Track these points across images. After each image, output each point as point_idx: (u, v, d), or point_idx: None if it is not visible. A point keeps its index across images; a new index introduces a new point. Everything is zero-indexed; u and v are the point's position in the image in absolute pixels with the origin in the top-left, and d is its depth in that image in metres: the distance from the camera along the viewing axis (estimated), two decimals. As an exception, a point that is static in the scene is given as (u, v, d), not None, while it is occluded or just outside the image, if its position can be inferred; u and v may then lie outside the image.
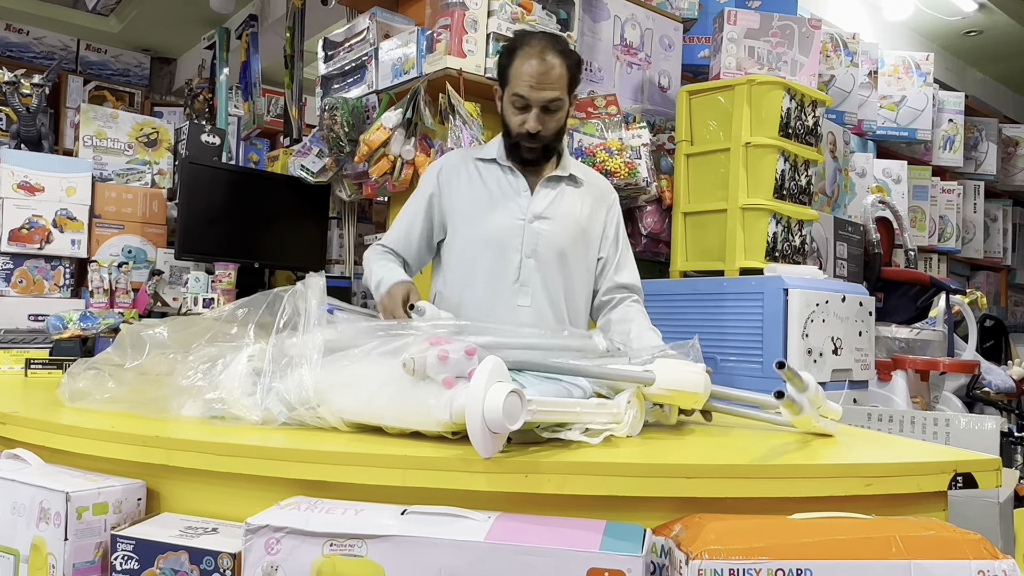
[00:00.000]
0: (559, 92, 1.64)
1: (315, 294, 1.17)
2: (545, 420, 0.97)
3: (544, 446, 0.98)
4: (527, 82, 1.62)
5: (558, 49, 1.66)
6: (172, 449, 1.01)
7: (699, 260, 2.30)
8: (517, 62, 1.65)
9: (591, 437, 1.00)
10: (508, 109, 1.68)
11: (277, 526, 0.83)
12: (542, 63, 1.62)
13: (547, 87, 1.62)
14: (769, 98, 2.19)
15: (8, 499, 1.01)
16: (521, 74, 1.63)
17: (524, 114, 1.65)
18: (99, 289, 2.28)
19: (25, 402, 1.42)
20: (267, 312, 1.21)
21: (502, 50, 1.73)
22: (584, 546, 0.78)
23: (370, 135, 2.20)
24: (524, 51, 1.65)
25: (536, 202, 1.73)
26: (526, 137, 1.66)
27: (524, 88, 1.63)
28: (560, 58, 1.65)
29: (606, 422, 1.04)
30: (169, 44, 5.41)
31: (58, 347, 1.96)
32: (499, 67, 1.72)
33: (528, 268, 1.70)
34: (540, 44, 1.66)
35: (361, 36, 2.45)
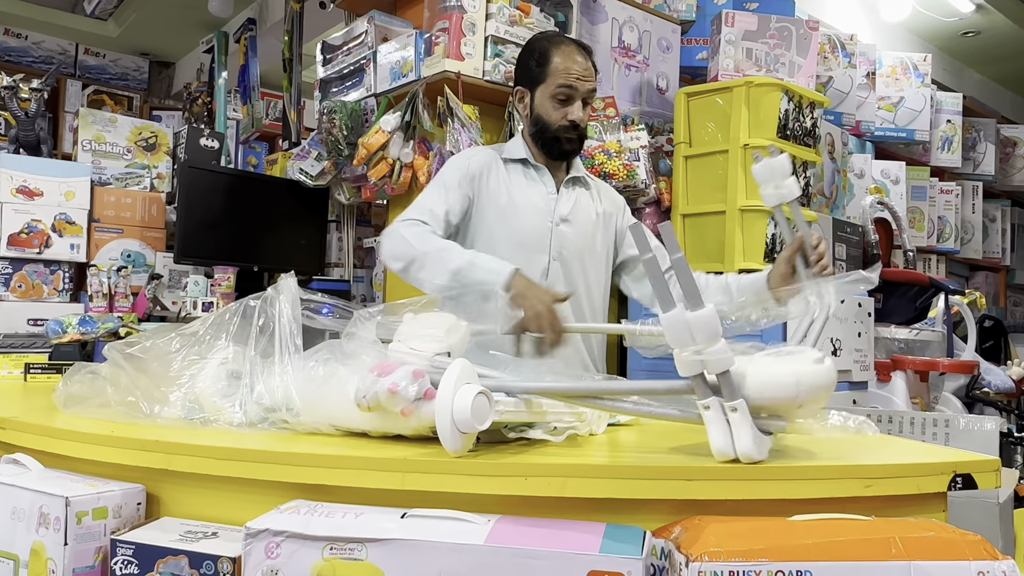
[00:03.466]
0: (595, 85, 1.74)
1: (287, 298, 1.16)
2: (512, 420, 0.98)
3: (545, 448, 0.98)
4: (575, 74, 1.70)
5: (586, 49, 1.78)
6: (172, 453, 1.01)
7: (698, 262, 2.30)
8: (558, 58, 1.71)
9: (555, 436, 1.02)
10: (548, 104, 1.71)
11: (277, 530, 0.83)
12: (585, 58, 1.73)
13: (590, 79, 1.72)
14: (767, 100, 2.19)
15: (8, 504, 1.01)
16: (568, 68, 1.70)
17: (567, 106, 1.70)
18: (98, 293, 2.28)
19: (24, 407, 1.42)
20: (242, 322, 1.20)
21: (530, 51, 1.78)
22: (584, 549, 0.78)
23: (369, 138, 2.20)
24: (562, 48, 1.73)
25: (561, 204, 1.77)
26: (569, 129, 1.71)
27: (572, 79, 1.70)
28: (590, 59, 1.77)
29: (570, 421, 1.05)
30: (168, 48, 5.42)
31: (57, 352, 1.95)
32: (530, 67, 1.75)
33: (554, 270, 1.74)
34: (573, 42, 1.78)
35: (359, 40, 2.45)
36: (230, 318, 1.22)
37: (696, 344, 0.89)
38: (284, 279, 1.20)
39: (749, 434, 0.88)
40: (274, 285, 1.20)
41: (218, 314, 1.24)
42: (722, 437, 0.90)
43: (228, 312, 1.23)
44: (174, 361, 1.21)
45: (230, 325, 1.21)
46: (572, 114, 1.70)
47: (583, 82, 1.70)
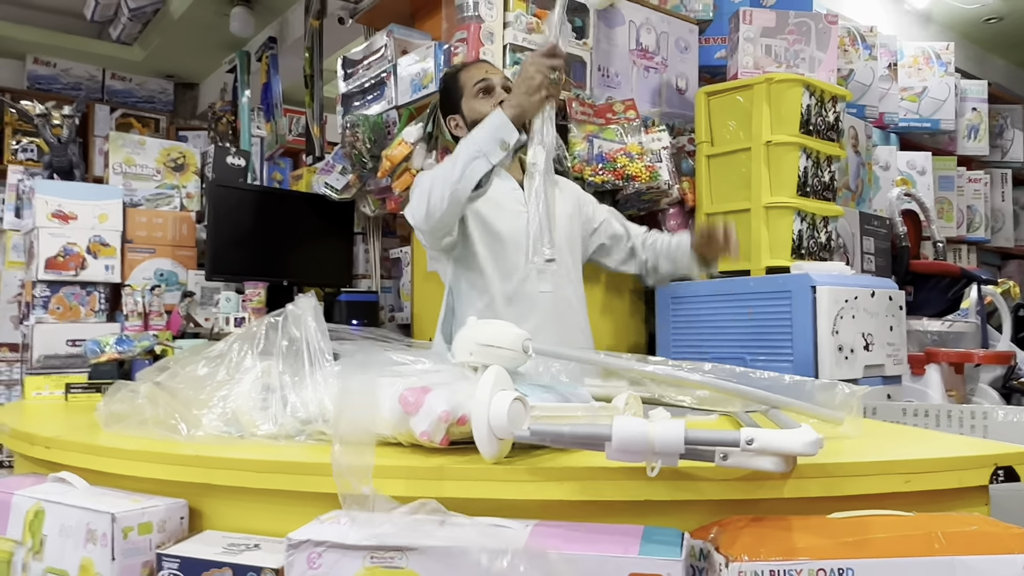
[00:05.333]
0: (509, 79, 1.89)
1: (311, 315, 1.19)
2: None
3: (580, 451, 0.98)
4: (483, 69, 1.89)
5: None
6: (212, 468, 1.03)
7: (724, 261, 2.29)
8: (462, 71, 1.92)
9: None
10: (476, 104, 1.86)
11: (318, 540, 0.84)
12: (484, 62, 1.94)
13: (498, 72, 1.90)
14: (788, 96, 2.18)
15: (56, 521, 1.04)
16: (473, 70, 1.90)
17: (492, 95, 1.84)
18: (133, 313, 2.32)
19: (68, 426, 1.45)
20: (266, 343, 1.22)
21: (442, 85, 1.98)
22: (623, 551, 0.78)
23: (392, 150, 2.22)
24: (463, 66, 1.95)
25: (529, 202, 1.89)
26: None
27: (483, 74, 1.87)
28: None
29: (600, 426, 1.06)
30: (192, 69, 5.51)
31: (96, 371, 2.00)
32: (448, 93, 1.93)
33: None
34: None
35: (379, 53, 2.48)
36: (254, 337, 1.24)
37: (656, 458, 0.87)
38: (301, 298, 1.22)
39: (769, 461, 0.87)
40: (293, 303, 1.22)
41: (241, 333, 1.27)
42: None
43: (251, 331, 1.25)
44: (205, 384, 1.23)
45: (255, 343, 1.24)
46: (496, 96, 1.82)
47: (493, 75, 1.87)
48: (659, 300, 2.32)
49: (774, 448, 0.83)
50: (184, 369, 1.25)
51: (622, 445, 0.84)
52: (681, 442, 0.84)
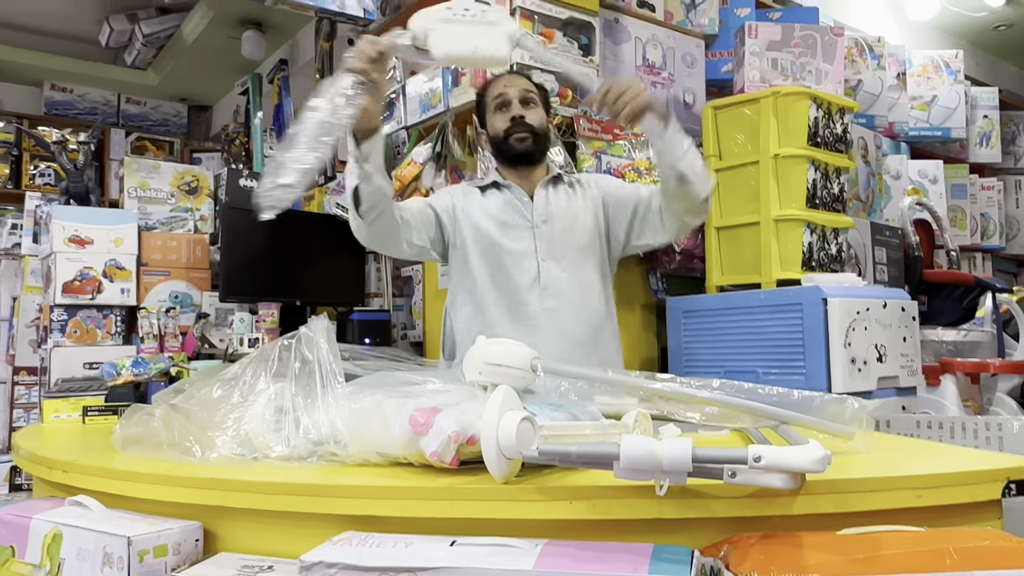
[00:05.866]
0: (531, 88, 1.88)
1: (323, 337, 1.20)
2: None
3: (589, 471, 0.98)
4: (502, 83, 1.88)
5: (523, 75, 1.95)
6: (226, 490, 1.04)
7: (735, 274, 2.29)
8: (488, 89, 1.92)
9: None
10: (493, 118, 1.87)
11: (330, 562, 0.85)
12: (508, 75, 1.93)
13: (518, 83, 1.88)
14: (795, 108, 2.18)
15: (73, 545, 1.05)
16: (495, 84, 1.90)
17: (506, 110, 1.84)
18: (149, 335, 2.35)
19: (84, 449, 1.47)
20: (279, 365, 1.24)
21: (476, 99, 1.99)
22: (633, 570, 0.78)
23: (402, 170, 2.25)
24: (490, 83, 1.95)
25: (537, 207, 1.86)
26: (515, 125, 1.83)
27: (500, 87, 1.87)
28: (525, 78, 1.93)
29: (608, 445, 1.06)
30: (205, 92, 5.59)
31: (113, 393, 2.02)
32: (478, 108, 1.97)
33: (547, 270, 1.82)
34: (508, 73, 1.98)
35: (388, 75, 2.51)
36: (268, 359, 1.26)
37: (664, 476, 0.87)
38: (315, 320, 1.24)
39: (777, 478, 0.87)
40: (306, 325, 1.23)
41: (255, 356, 1.28)
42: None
43: (264, 353, 1.27)
44: (219, 406, 1.24)
45: (269, 365, 1.25)
46: (512, 109, 1.83)
47: (510, 86, 1.86)
48: (670, 314, 2.32)
49: (782, 465, 0.83)
50: (199, 391, 1.26)
51: (630, 464, 0.85)
52: (689, 460, 0.84)
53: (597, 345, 1.87)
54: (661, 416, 1.21)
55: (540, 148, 1.88)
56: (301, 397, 1.17)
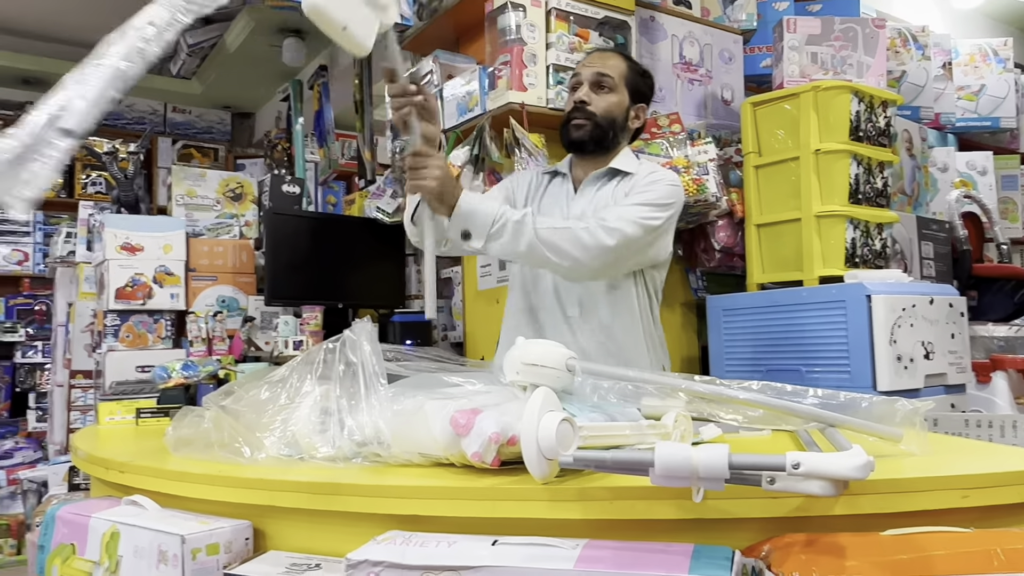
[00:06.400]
0: (609, 71, 1.75)
1: (366, 339, 1.22)
2: (597, 445, 0.99)
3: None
4: (587, 60, 1.80)
5: (622, 53, 1.84)
6: (275, 490, 1.07)
7: (776, 271, 2.27)
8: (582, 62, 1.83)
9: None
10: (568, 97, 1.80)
11: (376, 560, 0.87)
12: (600, 53, 1.83)
13: (596, 64, 1.76)
14: (836, 103, 2.15)
15: (130, 543, 1.09)
16: (583, 60, 1.82)
17: (577, 92, 1.76)
18: (198, 339, 2.41)
19: (139, 450, 1.52)
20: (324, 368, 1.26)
21: None
22: (673, 570, 0.79)
23: (440, 174, 2.27)
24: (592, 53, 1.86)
25: (576, 204, 1.78)
26: (574, 110, 1.75)
27: (581, 65, 1.79)
28: (619, 57, 1.81)
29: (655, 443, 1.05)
30: (247, 100, 5.70)
31: (164, 396, 2.08)
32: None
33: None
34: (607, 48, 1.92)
35: (425, 79, 2.54)
36: (313, 361, 1.28)
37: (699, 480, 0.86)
38: (358, 324, 1.26)
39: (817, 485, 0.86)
40: (350, 328, 1.26)
41: (301, 358, 1.31)
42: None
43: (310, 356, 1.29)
44: (266, 408, 1.27)
45: (314, 368, 1.28)
46: (577, 94, 1.75)
47: (586, 66, 1.77)
48: (710, 312, 2.30)
49: (821, 472, 0.82)
50: (247, 394, 1.29)
51: (665, 471, 0.85)
52: (725, 467, 0.83)
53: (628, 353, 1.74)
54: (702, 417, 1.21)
55: (598, 138, 1.75)
56: (345, 399, 1.20)
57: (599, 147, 1.77)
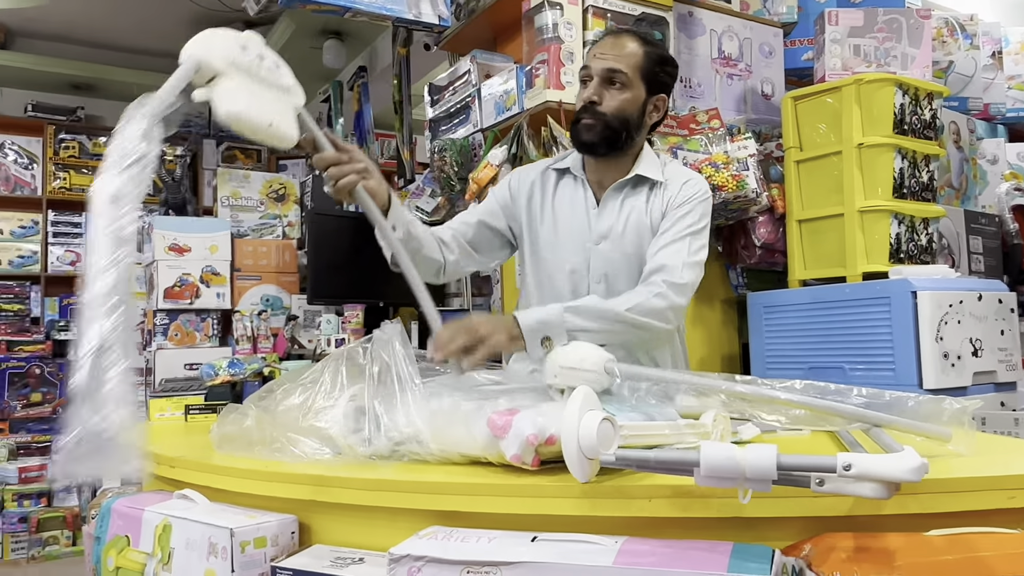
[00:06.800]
0: (623, 66, 1.54)
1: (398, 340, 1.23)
2: (637, 444, 1.00)
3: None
4: (597, 50, 1.59)
5: (639, 37, 1.59)
6: (319, 486, 1.10)
7: (818, 268, 2.24)
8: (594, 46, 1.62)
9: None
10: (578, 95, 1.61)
11: (417, 555, 0.88)
12: (613, 38, 1.59)
13: (609, 57, 1.55)
14: (880, 96, 2.12)
15: (182, 535, 1.13)
16: (592, 50, 1.61)
17: (586, 87, 1.58)
18: (243, 337, 2.47)
19: (188, 445, 1.56)
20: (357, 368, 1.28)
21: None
22: (712, 568, 0.79)
23: (478, 173, 2.28)
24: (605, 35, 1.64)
25: (602, 220, 1.61)
26: (583, 110, 1.56)
27: (591, 56, 1.59)
28: (635, 41, 1.58)
29: (693, 443, 1.05)
30: (288, 101, 5.79)
31: (212, 393, 2.13)
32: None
33: (599, 293, 1.57)
34: (622, 30, 1.64)
35: (463, 78, 2.55)
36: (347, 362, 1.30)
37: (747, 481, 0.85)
38: (388, 324, 1.27)
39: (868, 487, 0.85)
40: (380, 328, 1.27)
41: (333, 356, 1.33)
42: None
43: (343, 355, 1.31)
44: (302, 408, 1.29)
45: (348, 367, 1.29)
46: (586, 92, 1.56)
47: (597, 60, 1.56)
48: (751, 309, 2.28)
49: (874, 474, 0.80)
50: (284, 393, 1.32)
51: (711, 472, 0.83)
52: (773, 468, 0.82)
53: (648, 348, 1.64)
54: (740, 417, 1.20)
55: (609, 140, 1.57)
56: (380, 399, 1.22)
57: (612, 148, 1.59)
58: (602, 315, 1.39)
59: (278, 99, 1.14)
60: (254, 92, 1.10)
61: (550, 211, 1.66)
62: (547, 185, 1.69)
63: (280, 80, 1.14)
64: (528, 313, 1.38)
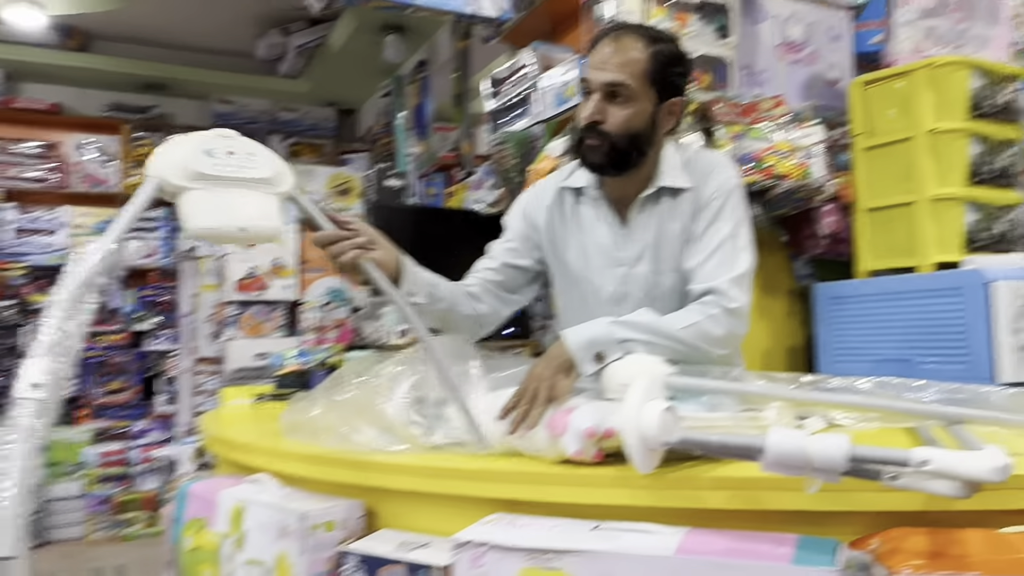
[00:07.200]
0: (624, 77, 1.36)
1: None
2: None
3: (730, 462, 0.99)
4: (596, 58, 1.40)
5: (642, 34, 1.40)
6: (385, 472, 1.13)
7: (887, 258, 2.17)
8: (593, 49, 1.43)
9: None
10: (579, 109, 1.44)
11: (481, 541, 0.91)
12: (613, 43, 1.39)
13: (609, 68, 1.37)
14: (954, 79, 2.04)
15: (255, 518, 1.18)
16: (591, 56, 1.42)
17: (585, 103, 1.41)
18: (310, 327, 2.54)
19: (260, 432, 1.62)
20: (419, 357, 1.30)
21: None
22: (776, 560, 0.79)
23: (538, 164, 2.29)
24: (604, 37, 1.42)
25: (632, 240, 1.48)
26: (584, 129, 1.40)
27: (589, 66, 1.41)
28: (639, 43, 1.38)
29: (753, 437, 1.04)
30: (351, 96, 5.90)
31: (281, 382, 2.20)
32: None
33: None
34: (623, 29, 1.44)
35: (523, 71, 2.56)
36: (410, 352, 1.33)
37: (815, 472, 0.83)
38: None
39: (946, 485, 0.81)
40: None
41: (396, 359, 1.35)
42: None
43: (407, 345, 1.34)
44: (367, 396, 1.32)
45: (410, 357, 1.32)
46: (587, 110, 1.39)
47: (597, 71, 1.38)
48: (817, 301, 2.23)
49: (953, 472, 0.77)
50: (350, 382, 1.36)
51: (778, 459, 0.82)
52: (844, 459, 0.80)
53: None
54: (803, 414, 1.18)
55: (617, 161, 1.41)
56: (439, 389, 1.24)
57: (623, 168, 1.43)
58: (656, 331, 1.27)
59: (252, 195, 1.09)
60: (220, 198, 1.07)
61: (575, 236, 1.53)
62: (564, 208, 1.55)
63: (255, 173, 1.09)
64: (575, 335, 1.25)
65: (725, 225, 1.43)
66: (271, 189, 1.12)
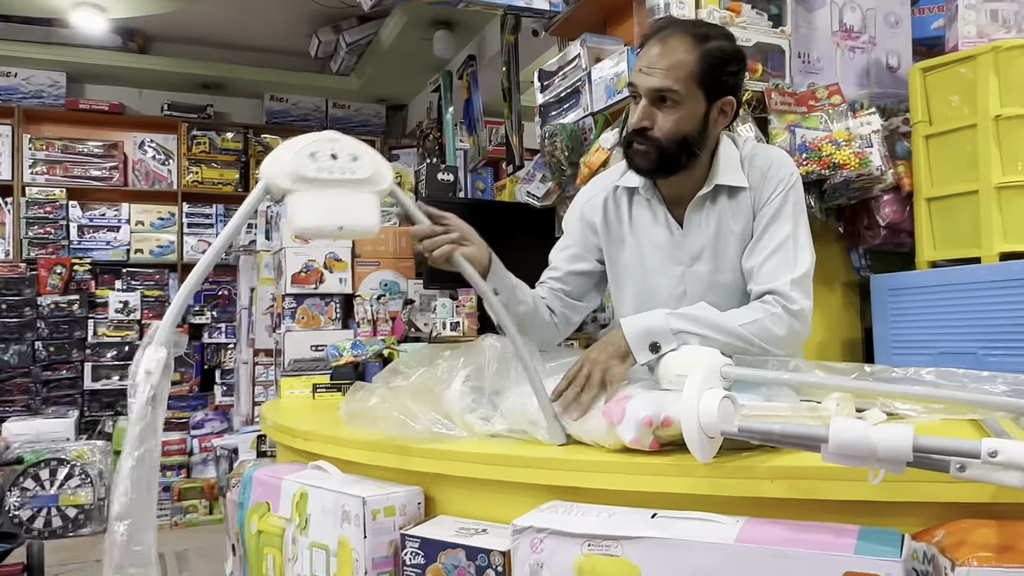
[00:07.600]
0: (671, 83, 1.33)
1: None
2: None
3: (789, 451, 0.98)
4: (643, 61, 1.37)
5: (691, 33, 1.37)
6: (444, 459, 1.15)
7: (949, 248, 2.12)
8: (641, 50, 1.40)
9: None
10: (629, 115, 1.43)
11: (540, 527, 0.92)
12: (660, 45, 1.36)
13: (656, 73, 1.34)
14: (1020, 64, 1.97)
15: (318, 503, 1.21)
16: (639, 59, 1.39)
17: (634, 107, 1.40)
18: (364, 320, 2.59)
19: (318, 421, 1.66)
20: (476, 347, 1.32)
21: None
22: (838, 549, 0.78)
23: (590, 157, 2.29)
24: (651, 37, 1.40)
25: (690, 240, 1.46)
26: (633, 134, 1.39)
27: (636, 70, 1.39)
28: (687, 43, 1.36)
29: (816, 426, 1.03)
30: (401, 92, 5.97)
31: (336, 373, 2.25)
32: None
33: None
34: (671, 28, 1.40)
35: (573, 63, 2.56)
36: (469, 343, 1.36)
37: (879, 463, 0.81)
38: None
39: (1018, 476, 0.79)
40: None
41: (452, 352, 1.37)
42: None
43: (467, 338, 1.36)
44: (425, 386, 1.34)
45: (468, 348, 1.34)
46: (635, 115, 1.38)
47: (643, 76, 1.36)
48: (875, 293, 2.19)
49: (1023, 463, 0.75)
50: (409, 372, 1.39)
51: (840, 449, 0.81)
52: (909, 450, 0.78)
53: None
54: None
55: (667, 165, 1.40)
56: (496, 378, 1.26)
57: (674, 171, 1.41)
58: (714, 326, 1.26)
59: (352, 195, 1.16)
60: (323, 199, 1.14)
61: (629, 235, 1.53)
62: (620, 206, 1.54)
63: (356, 174, 1.16)
64: (633, 321, 1.27)
65: (786, 224, 1.40)
66: (370, 188, 1.17)
